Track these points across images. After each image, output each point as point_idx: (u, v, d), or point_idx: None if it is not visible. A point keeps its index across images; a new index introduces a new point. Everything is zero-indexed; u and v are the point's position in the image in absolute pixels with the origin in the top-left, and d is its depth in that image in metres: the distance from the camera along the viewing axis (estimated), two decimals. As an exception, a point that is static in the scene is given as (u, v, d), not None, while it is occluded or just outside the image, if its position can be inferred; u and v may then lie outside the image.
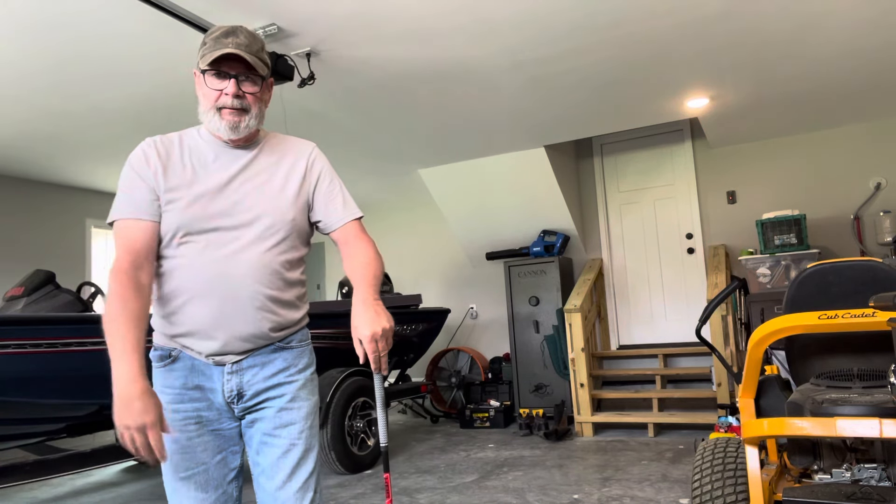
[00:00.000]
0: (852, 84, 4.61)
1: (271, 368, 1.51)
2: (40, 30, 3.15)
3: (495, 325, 7.04)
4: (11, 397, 3.11)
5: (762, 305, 4.91)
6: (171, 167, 1.49)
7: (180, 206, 1.45)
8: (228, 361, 1.48)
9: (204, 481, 1.46)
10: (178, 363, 1.49)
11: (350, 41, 3.49)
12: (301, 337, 1.59)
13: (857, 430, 1.83)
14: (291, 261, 1.54)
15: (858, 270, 2.35)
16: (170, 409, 1.47)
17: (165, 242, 1.48)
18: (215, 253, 1.45)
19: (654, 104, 4.87)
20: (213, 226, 1.46)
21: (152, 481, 4.62)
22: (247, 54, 1.45)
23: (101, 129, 4.62)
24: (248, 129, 1.50)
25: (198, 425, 1.47)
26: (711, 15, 3.43)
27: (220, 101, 1.47)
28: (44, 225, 5.95)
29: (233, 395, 1.49)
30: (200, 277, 1.44)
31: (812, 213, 5.73)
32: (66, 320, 3.24)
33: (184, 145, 1.53)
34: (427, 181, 6.43)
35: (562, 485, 3.80)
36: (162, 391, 1.49)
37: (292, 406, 1.52)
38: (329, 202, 1.60)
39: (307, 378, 1.57)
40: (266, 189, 1.53)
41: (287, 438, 1.50)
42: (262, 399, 1.51)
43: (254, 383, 1.50)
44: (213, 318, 1.44)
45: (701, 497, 2.29)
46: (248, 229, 1.48)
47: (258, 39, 1.51)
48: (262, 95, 1.53)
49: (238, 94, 1.47)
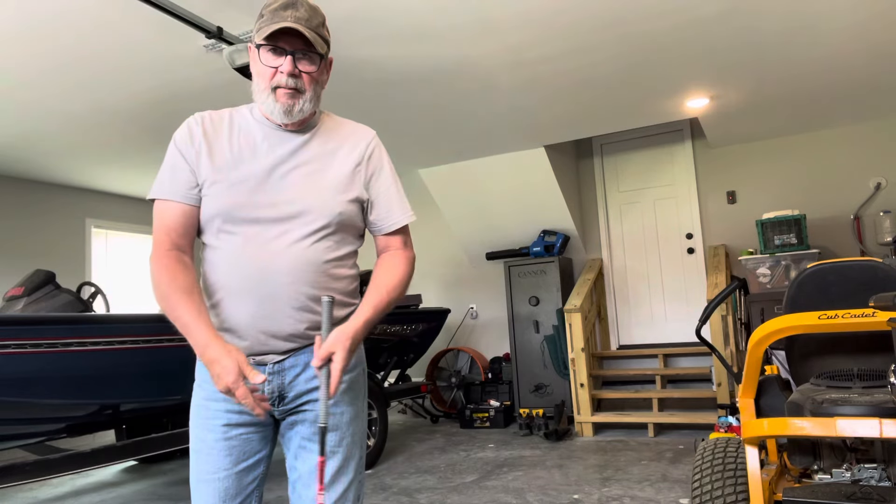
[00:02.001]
0: (852, 84, 4.61)
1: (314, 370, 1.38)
2: (40, 30, 3.15)
3: (495, 325, 7.04)
4: (11, 397, 3.11)
5: (762, 305, 4.91)
6: (217, 147, 1.40)
7: (221, 190, 1.37)
8: (269, 361, 1.39)
9: (224, 488, 1.37)
10: None
11: (350, 41, 3.49)
12: None
13: (857, 430, 1.83)
14: (339, 257, 1.43)
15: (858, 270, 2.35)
16: (203, 404, 1.40)
17: (205, 230, 1.40)
18: (256, 247, 1.36)
19: (654, 104, 4.87)
20: (254, 216, 1.36)
21: (152, 481, 4.62)
22: (306, 29, 1.34)
23: (101, 129, 4.62)
24: (302, 113, 1.39)
25: (226, 427, 1.38)
26: (711, 15, 3.43)
27: (274, 80, 1.36)
28: (44, 225, 5.95)
29: (274, 396, 1.39)
30: (239, 273, 1.36)
31: (812, 213, 5.72)
32: (66, 320, 3.23)
33: (234, 124, 1.43)
34: (427, 181, 6.43)
35: (562, 485, 3.80)
36: (200, 385, 1.43)
37: (334, 411, 1.41)
38: (383, 203, 1.49)
39: (352, 380, 1.45)
40: (315, 179, 1.41)
41: (327, 446, 1.40)
42: (303, 401, 1.41)
43: (296, 385, 1.40)
44: (250, 316, 1.36)
45: (701, 497, 2.29)
46: (292, 222, 1.37)
47: (319, 13, 1.40)
48: (319, 76, 1.41)
49: (294, 73, 1.36)
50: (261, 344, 1.38)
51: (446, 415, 6.63)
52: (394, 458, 4.83)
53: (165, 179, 1.39)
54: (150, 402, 3.83)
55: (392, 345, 5.53)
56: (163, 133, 4.76)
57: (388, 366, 5.65)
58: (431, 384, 6.70)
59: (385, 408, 4.76)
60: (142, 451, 3.61)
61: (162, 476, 4.78)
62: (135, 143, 4.95)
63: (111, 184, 6.17)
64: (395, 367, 5.78)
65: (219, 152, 1.40)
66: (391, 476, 4.28)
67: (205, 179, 1.38)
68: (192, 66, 3.66)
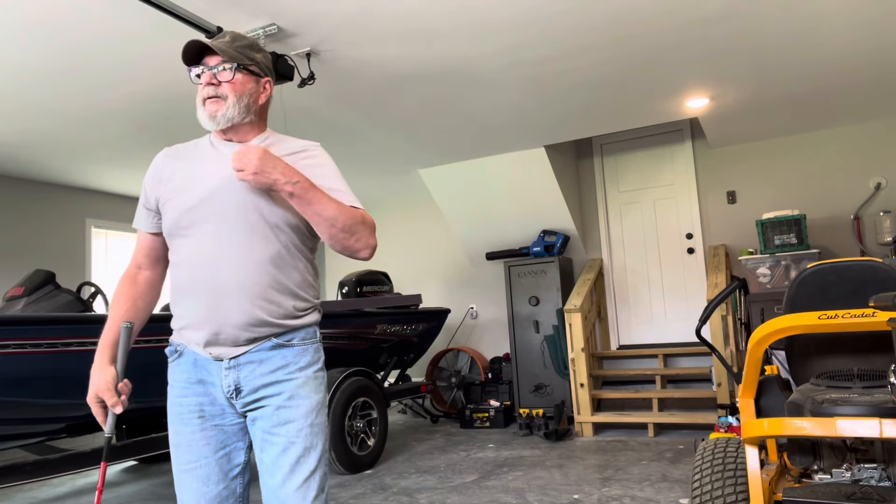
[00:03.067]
0: (852, 84, 4.61)
1: (269, 366, 1.51)
2: (40, 30, 3.15)
3: (495, 325, 7.04)
4: (11, 397, 3.11)
5: (762, 305, 4.91)
6: (176, 169, 1.57)
7: (176, 203, 1.53)
8: (226, 356, 1.50)
9: (205, 475, 1.49)
10: (184, 358, 1.55)
11: (350, 41, 3.49)
12: (305, 335, 1.57)
13: (857, 430, 1.83)
14: (289, 251, 1.54)
15: (858, 270, 2.35)
16: (176, 402, 1.54)
17: (168, 239, 1.57)
18: (206, 247, 1.49)
19: (654, 104, 4.87)
20: (204, 217, 1.50)
21: (152, 481, 4.62)
22: (216, 44, 1.51)
23: (101, 129, 4.62)
24: (227, 118, 1.54)
25: (201, 419, 1.51)
26: (712, 15, 3.43)
27: (202, 93, 1.54)
28: (44, 225, 5.95)
29: (231, 390, 1.50)
30: (196, 271, 1.49)
31: (812, 213, 5.72)
32: (66, 320, 3.23)
33: (197, 147, 1.62)
34: (427, 181, 6.43)
35: (562, 485, 3.80)
36: (171, 385, 1.56)
37: (290, 404, 1.50)
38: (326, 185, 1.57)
39: (308, 376, 1.54)
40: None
41: (285, 436, 1.49)
42: (260, 396, 1.51)
43: (251, 379, 1.50)
44: (205, 309, 1.48)
45: (701, 497, 2.29)
46: (240, 223, 1.49)
47: (244, 38, 1.58)
48: (242, 85, 1.55)
49: (211, 82, 1.53)
50: (218, 334, 1.48)
51: (446, 415, 6.63)
52: (394, 458, 4.83)
53: (137, 212, 1.65)
54: (150, 402, 3.83)
55: (392, 345, 5.53)
56: (163, 133, 4.76)
57: (388, 366, 5.65)
58: (431, 384, 6.70)
59: (385, 408, 4.76)
60: (142, 451, 3.61)
61: (162, 476, 4.78)
62: (135, 143, 4.95)
63: (111, 184, 6.17)
64: (395, 367, 5.78)
65: (176, 174, 1.57)
66: (391, 476, 4.28)
67: (164, 200, 1.56)
68: (192, 66, 3.66)
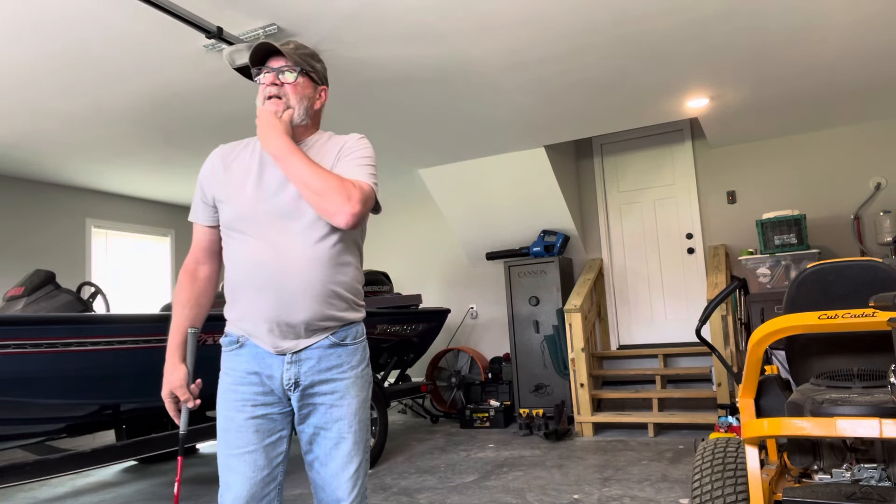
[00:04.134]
0: (852, 84, 4.61)
1: (326, 363, 1.61)
2: (40, 29, 3.15)
3: (495, 325, 7.04)
4: (11, 397, 3.11)
5: (762, 305, 4.91)
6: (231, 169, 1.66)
7: (232, 201, 1.61)
8: (289, 351, 1.58)
9: (253, 461, 1.57)
10: (244, 349, 1.61)
11: (350, 41, 3.49)
12: (355, 334, 1.67)
13: (857, 430, 1.83)
14: (342, 249, 1.62)
15: (858, 270, 2.35)
16: (231, 388, 1.61)
17: (226, 234, 1.64)
18: (265, 244, 1.56)
19: (654, 104, 4.87)
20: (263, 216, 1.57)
21: (152, 481, 4.62)
22: (283, 48, 1.62)
23: (101, 129, 4.62)
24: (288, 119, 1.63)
25: (254, 407, 1.59)
26: (712, 15, 3.43)
27: (264, 92, 1.64)
28: (44, 225, 5.95)
29: (291, 382, 1.59)
30: (256, 267, 1.56)
31: (812, 213, 5.72)
32: (66, 320, 3.23)
33: (248, 146, 1.69)
34: (427, 181, 6.43)
35: (562, 485, 3.80)
36: (226, 372, 1.63)
37: (341, 403, 1.62)
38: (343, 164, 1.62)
39: (358, 375, 1.66)
40: None
41: (337, 432, 1.62)
42: (315, 392, 1.61)
43: (310, 374, 1.60)
44: (267, 305, 1.55)
45: (701, 497, 2.29)
46: (296, 220, 1.57)
47: (306, 48, 1.69)
48: (303, 89, 1.65)
49: (275, 83, 1.63)
50: (280, 332, 1.57)
51: (446, 415, 6.63)
52: (394, 458, 4.83)
53: (193, 208, 1.73)
54: (150, 402, 3.83)
55: (392, 345, 5.53)
56: (163, 133, 4.76)
57: (388, 366, 5.64)
58: (431, 384, 6.70)
59: (385, 408, 4.76)
60: (142, 451, 3.61)
61: (162, 476, 4.78)
62: (135, 142, 4.95)
63: (111, 184, 6.17)
64: (395, 367, 5.78)
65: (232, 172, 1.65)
66: (391, 476, 4.28)
67: (220, 197, 1.64)
68: (192, 66, 3.66)
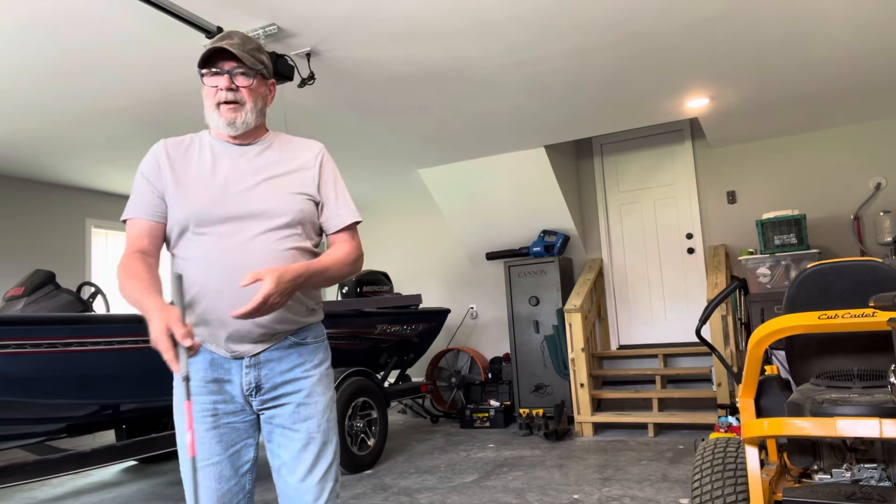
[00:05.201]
0: (852, 84, 4.61)
1: (287, 363, 1.56)
2: (40, 29, 3.15)
3: (495, 325, 7.04)
4: (11, 397, 3.11)
5: (762, 305, 4.91)
6: (181, 164, 1.57)
7: (188, 200, 1.52)
8: (247, 355, 1.53)
9: (217, 472, 1.51)
10: (199, 356, 1.53)
11: (350, 41, 3.49)
12: (316, 333, 1.63)
13: (857, 430, 1.83)
14: (302, 249, 1.58)
15: (858, 270, 2.35)
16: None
17: (175, 237, 1.55)
18: (225, 244, 1.50)
19: (654, 104, 4.87)
20: (222, 216, 1.51)
21: (152, 481, 4.62)
22: (236, 49, 1.52)
23: (101, 129, 4.62)
24: (245, 124, 1.57)
25: (214, 417, 1.52)
26: (712, 15, 3.43)
27: (217, 97, 1.55)
28: (44, 225, 5.95)
29: (251, 387, 1.54)
30: (211, 269, 1.49)
31: (812, 213, 5.72)
32: (66, 320, 3.23)
33: (194, 144, 1.61)
34: (427, 181, 6.43)
35: (562, 485, 3.80)
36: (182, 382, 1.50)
37: (309, 401, 1.57)
38: (330, 204, 1.65)
39: (322, 373, 1.62)
40: (274, 180, 1.58)
41: (305, 433, 1.56)
42: (279, 394, 1.56)
43: (271, 377, 1.55)
44: (227, 306, 1.47)
45: (701, 497, 2.29)
46: (257, 221, 1.52)
47: (252, 41, 1.59)
48: (257, 89, 1.58)
49: (231, 87, 1.54)
50: (237, 335, 1.51)
51: (446, 415, 6.63)
52: (394, 458, 4.83)
53: (132, 202, 1.57)
54: (150, 402, 3.83)
55: (392, 345, 5.53)
56: (163, 133, 4.76)
57: (388, 366, 5.64)
58: (431, 384, 6.70)
59: (385, 408, 4.76)
60: (142, 451, 3.61)
61: (162, 476, 4.78)
62: (135, 142, 4.95)
63: (111, 184, 6.17)
64: (395, 367, 5.78)
65: (182, 168, 1.57)
66: (391, 476, 4.28)
67: (171, 193, 1.54)
68: (192, 66, 3.66)
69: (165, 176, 1.55)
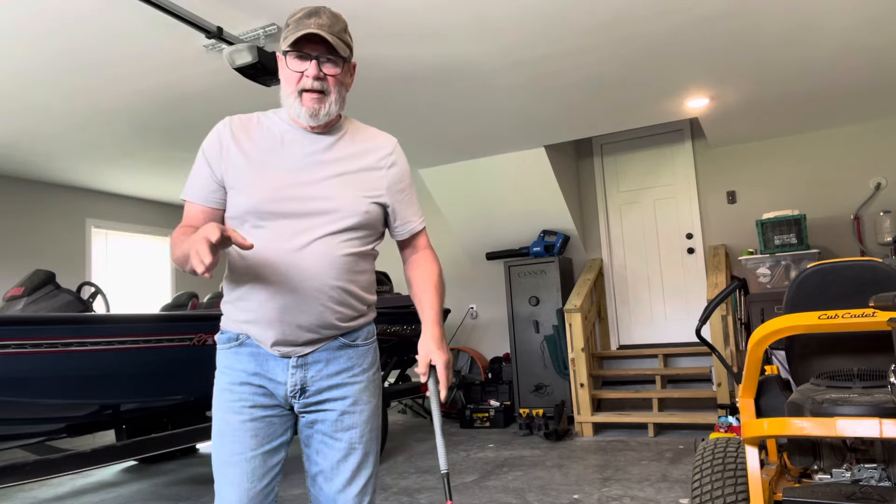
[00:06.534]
0: (852, 84, 4.61)
1: (335, 366, 1.48)
2: (40, 29, 3.15)
3: (495, 325, 7.04)
4: (11, 397, 3.11)
5: (762, 305, 4.91)
6: (245, 147, 1.47)
7: (249, 189, 1.43)
8: (294, 354, 1.45)
9: (251, 469, 1.42)
10: (245, 348, 1.46)
11: (350, 41, 3.49)
12: (367, 335, 1.55)
13: (857, 430, 1.83)
14: (363, 253, 1.50)
15: (858, 270, 2.35)
16: (228, 388, 1.45)
17: (235, 223, 1.46)
18: (285, 241, 1.41)
19: (654, 104, 4.87)
20: (284, 211, 1.42)
21: (152, 481, 4.62)
22: (329, 34, 1.41)
23: (102, 129, 4.62)
24: (328, 115, 1.47)
25: (252, 409, 1.44)
26: (712, 15, 3.43)
27: (301, 84, 1.44)
28: (44, 225, 5.95)
29: (296, 389, 1.46)
30: (269, 266, 1.41)
31: (812, 213, 5.72)
32: (66, 320, 3.23)
33: (262, 125, 1.51)
34: (427, 181, 6.43)
35: (562, 485, 3.80)
36: (223, 371, 1.48)
37: (354, 409, 1.49)
38: (404, 208, 1.58)
39: (370, 379, 1.54)
40: (343, 178, 1.48)
41: (347, 442, 1.48)
42: (324, 398, 1.48)
43: (318, 379, 1.47)
44: (278, 308, 1.41)
45: (701, 497, 2.29)
46: (320, 218, 1.43)
47: (340, 20, 1.47)
48: (343, 78, 1.49)
49: (319, 76, 1.43)
50: (288, 335, 1.43)
51: (446, 415, 6.63)
52: (394, 458, 4.83)
53: (191, 183, 1.49)
54: (150, 402, 3.83)
55: (392, 345, 5.52)
56: (163, 133, 4.76)
57: (388, 366, 5.64)
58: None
59: (385, 408, 4.76)
60: (142, 451, 3.60)
61: (162, 476, 4.78)
62: (135, 143, 4.95)
63: (111, 184, 6.17)
64: (395, 367, 5.78)
65: (247, 151, 1.46)
66: (391, 476, 4.28)
67: (231, 179, 1.45)
68: (192, 66, 3.66)
69: (227, 157, 1.45)
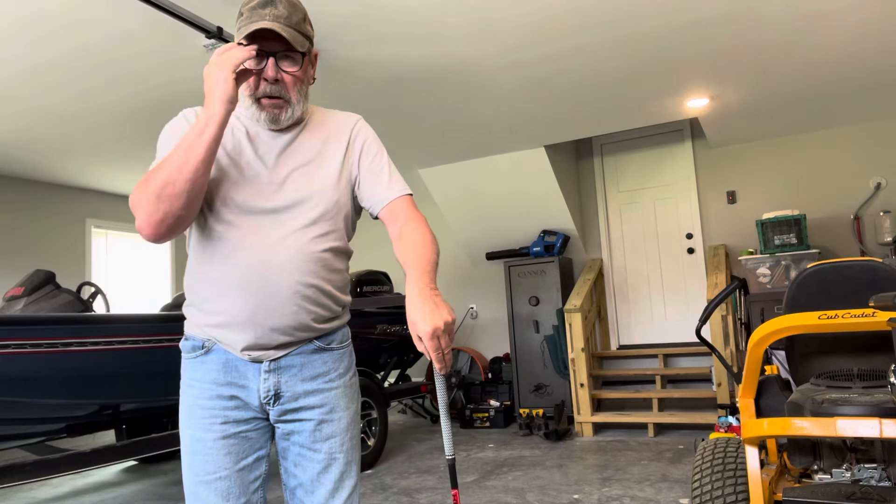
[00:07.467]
0: (852, 84, 4.61)
1: (310, 371, 1.39)
2: (40, 30, 3.15)
3: (495, 325, 7.04)
4: (11, 397, 3.11)
5: (762, 305, 4.91)
6: None
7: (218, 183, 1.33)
8: (266, 359, 1.35)
9: (226, 488, 1.32)
10: (211, 356, 1.36)
11: (350, 41, 3.49)
12: (342, 337, 1.46)
13: (857, 430, 1.83)
14: (337, 249, 1.40)
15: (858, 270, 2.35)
16: (196, 405, 1.35)
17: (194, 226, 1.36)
18: (255, 239, 1.32)
19: (654, 104, 4.87)
20: (252, 207, 1.33)
21: (152, 481, 4.62)
22: (285, 28, 1.28)
23: (101, 129, 4.62)
24: (290, 118, 1.37)
25: (224, 426, 1.34)
26: (712, 15, 3.43)
27: (259, 91, 1.33)
28: (44, 225, 5.95)
29: (269, 395, 1.36)
30: (239, 265, 1.31)
31: (812, 213, 5.72)
32: (66, 320, 3.23)
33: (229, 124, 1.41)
34: (427, 181, 6.42)
35: (562, 485, 3.80)
36: (190, 384, 1.37)
37: (332, 417, 1.40)
38: (373, 177, 1.43)
39: (347, 383, 1.44)
40: (308, 170, 1.38)
41: (327, 452, 1.39)
42: (300, 405, 1.38)
43: (292, 384, 1.37)
44: (249, 309, 1.31)
45: (701, 497, 2.29)
46: (291, 212, 1.34)
47: (299, 8, 1.33)
48: (303, 75, 1.36)
49: (276, 79, 1.32)
50: (261, 338, 1.33)
51: (446, 415, 6.63)
52: (394, 458, 4.83)
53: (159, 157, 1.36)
54: (150, 402, 3.83)
55: (392, 345, 5.53)
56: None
57: (388, 366, 5.64)
58: (431, 384, 6.70)
59: (385, 408, 4.76)
60: (142, 451, 3.61)
61: (162, 476, 4.78)
62: (135, 143, 4.95)
63: (111, 184, 6.17)
64: (395, 367, 5.78)
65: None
66: (391, 476, 4.28)
67: None
68: (192, 66, 3.66)
69: None
